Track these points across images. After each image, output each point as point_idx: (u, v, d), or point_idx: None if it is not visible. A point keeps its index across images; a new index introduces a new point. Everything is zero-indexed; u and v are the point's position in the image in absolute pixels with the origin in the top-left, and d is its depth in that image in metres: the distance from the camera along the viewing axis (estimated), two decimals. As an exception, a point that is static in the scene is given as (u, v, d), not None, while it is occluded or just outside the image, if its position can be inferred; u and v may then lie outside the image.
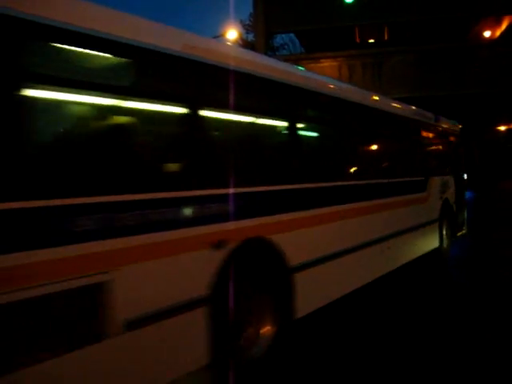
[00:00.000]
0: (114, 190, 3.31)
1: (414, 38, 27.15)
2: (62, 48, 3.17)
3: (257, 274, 4.56)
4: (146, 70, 3.82)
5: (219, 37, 23.72)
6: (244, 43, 37.59)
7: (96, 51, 3.36)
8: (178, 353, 3.72)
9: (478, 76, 23.34)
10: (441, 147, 11.02)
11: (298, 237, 5.09)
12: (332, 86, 6.67)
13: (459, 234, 11.47)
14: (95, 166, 3.30)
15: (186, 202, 3.86)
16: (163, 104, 3.92)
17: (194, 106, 4.03)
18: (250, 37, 34.51)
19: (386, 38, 25.68)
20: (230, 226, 4.18)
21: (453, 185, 10.93)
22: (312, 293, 5.29)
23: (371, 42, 26.29)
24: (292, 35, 32.66)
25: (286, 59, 27.39)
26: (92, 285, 3.07)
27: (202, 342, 3.88)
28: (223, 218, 4.13)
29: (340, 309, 6.34)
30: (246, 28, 37.28)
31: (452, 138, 11.61)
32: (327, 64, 24.29)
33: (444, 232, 10.25)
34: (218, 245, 4.01)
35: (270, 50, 31.17)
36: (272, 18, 24.59)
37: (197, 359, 3.86)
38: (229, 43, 12.70)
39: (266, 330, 4.70)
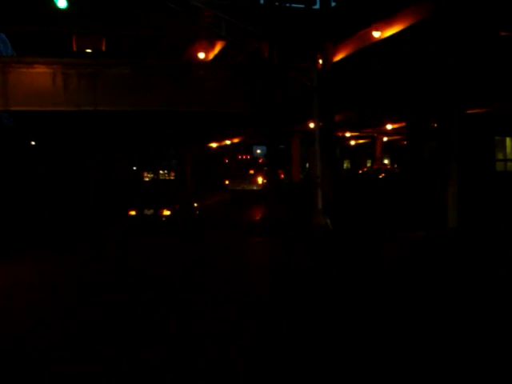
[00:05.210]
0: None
1: (132, 52, 27.40)
2: None
3: None
4: None
5: None
6: None
7: None
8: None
9: (191, 95, 24.45)
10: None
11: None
12: None
13: None
14: None
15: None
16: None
17: None
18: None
19: (103, 49, 25.34)
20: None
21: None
22: None
23: (89, 52, 25.72)
24: (4, 35, 30.22)
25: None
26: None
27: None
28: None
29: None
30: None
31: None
32: (41, 70, 22.97)
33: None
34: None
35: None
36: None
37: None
38: None
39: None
